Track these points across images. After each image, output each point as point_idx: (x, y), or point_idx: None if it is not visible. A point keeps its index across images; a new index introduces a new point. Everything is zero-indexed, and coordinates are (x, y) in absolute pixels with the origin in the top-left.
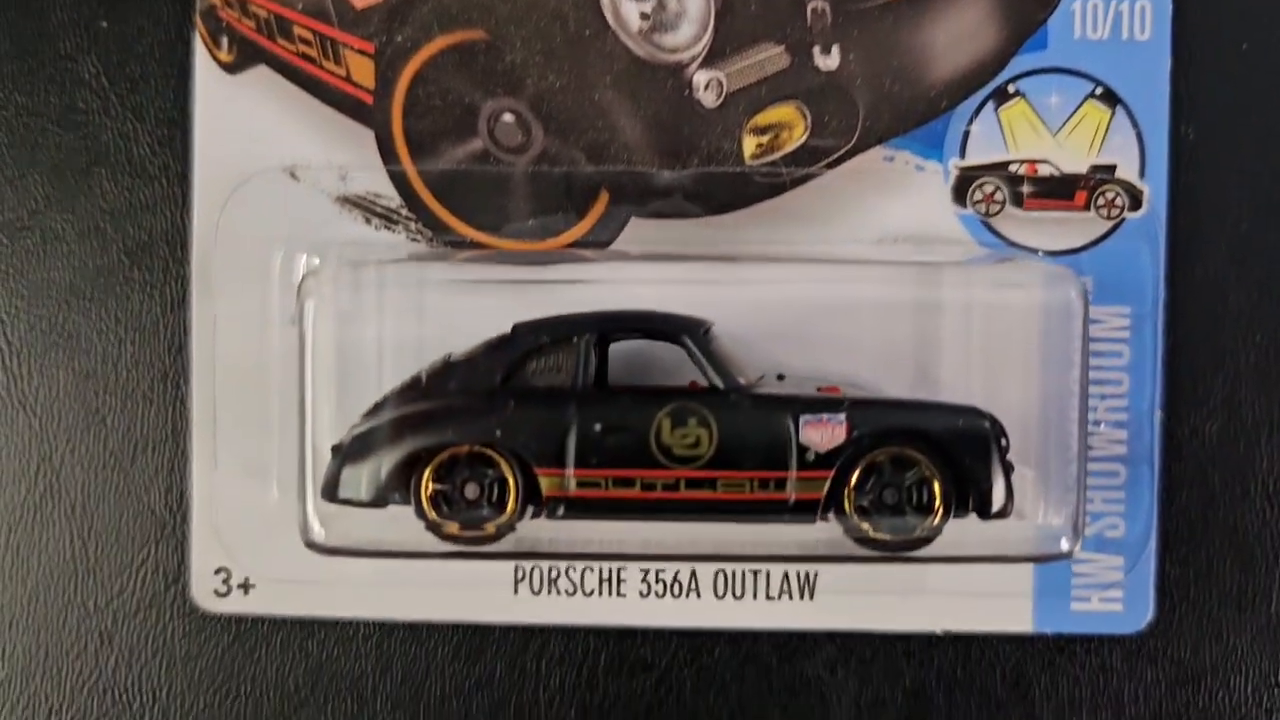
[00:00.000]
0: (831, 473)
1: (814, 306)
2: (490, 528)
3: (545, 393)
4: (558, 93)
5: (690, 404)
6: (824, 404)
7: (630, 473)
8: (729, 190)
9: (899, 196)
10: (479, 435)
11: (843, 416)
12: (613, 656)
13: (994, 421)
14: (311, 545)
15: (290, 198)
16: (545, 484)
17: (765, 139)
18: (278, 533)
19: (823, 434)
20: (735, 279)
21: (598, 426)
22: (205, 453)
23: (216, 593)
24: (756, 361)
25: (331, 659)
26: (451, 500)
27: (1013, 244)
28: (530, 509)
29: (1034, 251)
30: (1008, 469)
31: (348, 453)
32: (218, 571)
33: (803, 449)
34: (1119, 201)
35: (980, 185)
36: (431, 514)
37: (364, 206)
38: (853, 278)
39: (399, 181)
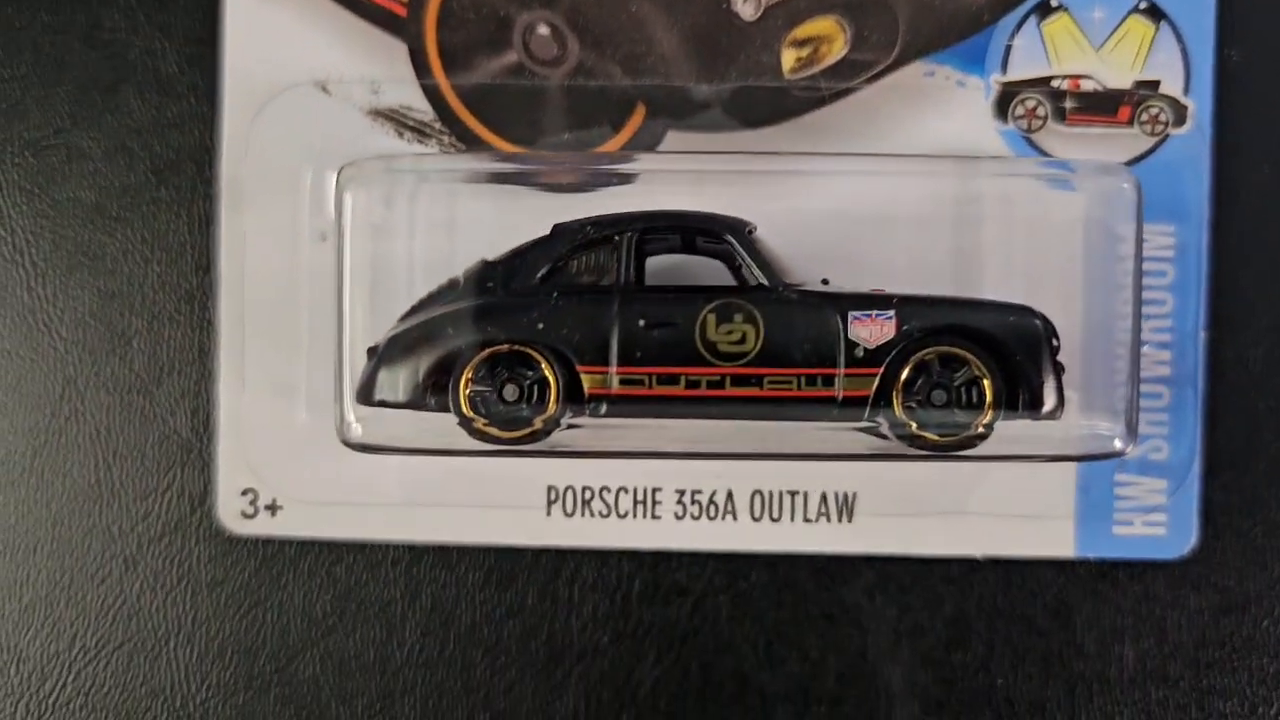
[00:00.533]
0: (880, 370)
1: (854, 218)
2: (530, 428)
3: (588, 289)
4: (593, 5)
5: (736, 300)
6: (872, 300)
7: (674, 370)
8: (767, 104)
9: (940, 112)
10: (520, 333)
11: (891, 313)
12: (647, 582)
13: (1045, 320)
14: (349, 444)
15: (321, 112)
16: (588, 381)
17: (804, 52)
18: (306, 453)
19: (871, 330)
20: (774, 191)
21: (641, 322)
22: (233, 373)
23: (244, 514)
24: (799, 272)
25: (360, 583)
26: (490, 402)
27: (1053, 159)
28: (571, 410)
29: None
30: (1059, 369)
31: (384, 354)
32: (245, 493)
33: (851, 345)
34: (1163, 117)
35: (1022, 100)
36: (470, 414)
37: (396, 120)
38: (894, 189)
39: (432, 95)
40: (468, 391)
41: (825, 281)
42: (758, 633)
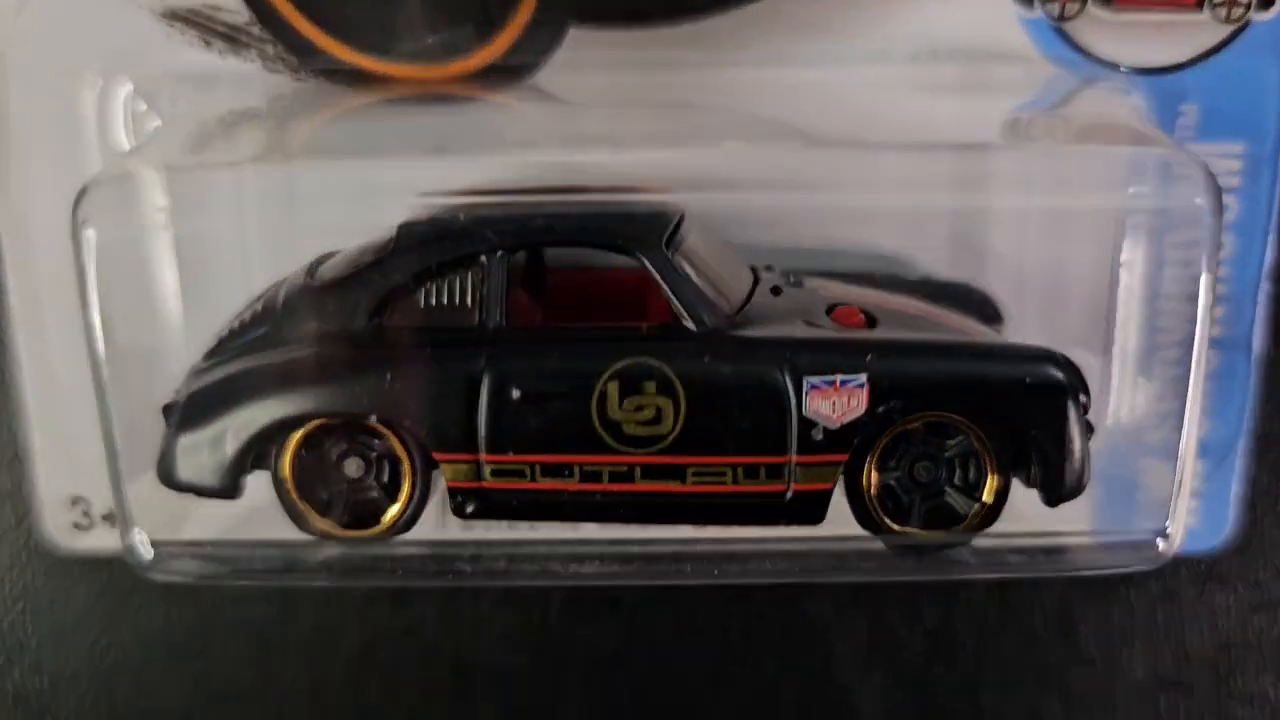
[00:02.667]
0: (846, 455)
1: (825, 152)
2: (381, 525)
3: (443, 335)
4: None
5: (648, 361)
6: (838, 351)
7: (565, 459)
8: None
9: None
10: (349, 403)
11: (863, 378)
12: (571, 593)
13: (1068, 368)
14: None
15: (97, 13)
16: (449, 472)
17: None
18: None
19: (835, 403)
20: (718, 118)
21: (516, 393)
22: (36, 358)
23: (76, 527)
24: (746, 242)
25: (228, 601)
26: (329, 484)
27: (1093, 57)
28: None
29: (1115, 68)
30: (1085, 433)
31: (183, 418)
32: (75, 502)
33: (807, 425)
34: None
35: None
36: (301, 505)
37: (200, 24)
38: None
39: None
40: (293, 476)
41: (769, 269)
42: (703, 652)
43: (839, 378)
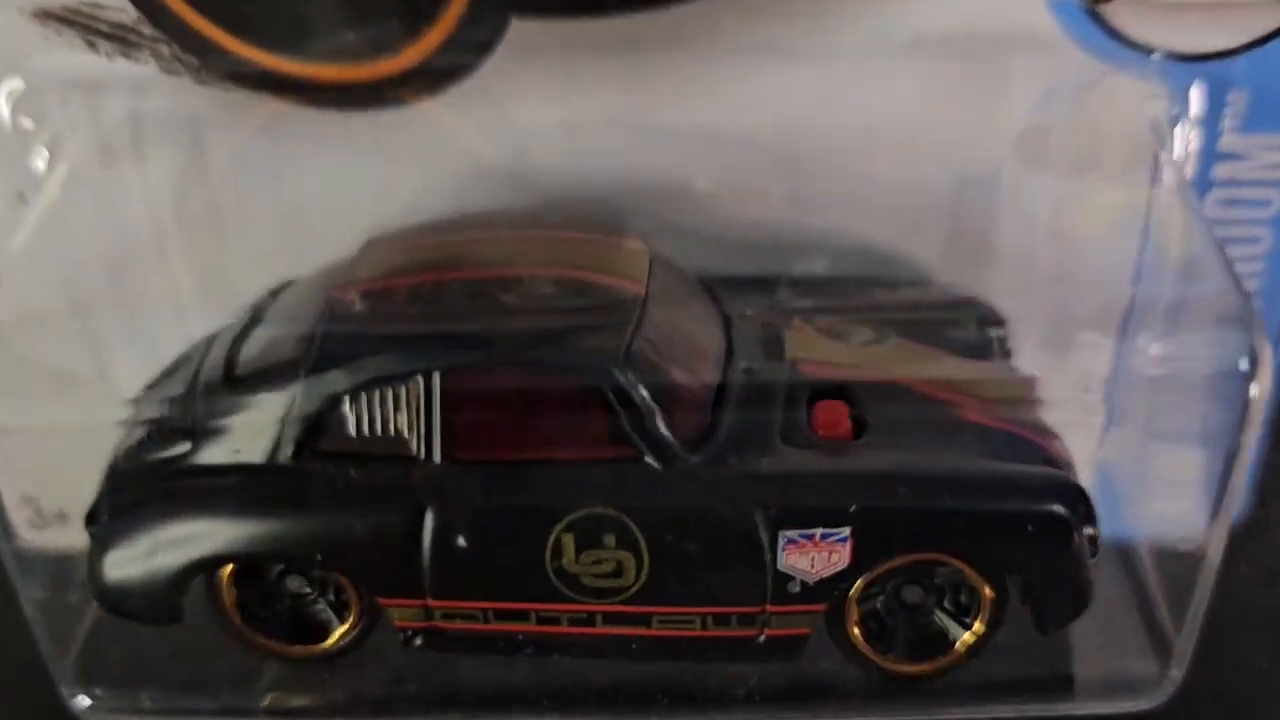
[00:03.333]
0: (825, 606)
1: (807, 149)
2: (330, 640)
3: (376, 473)
4: None
5: (604, 512)
6: (817, 495)
7: (520, 606)
8: None
9: None
10: (279, 542)
11: (846, 532)
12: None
13: (1075, 499)
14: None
15: None
16: (395, 614)
17: None
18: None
19: (814, 559)
20: (685, 117)
21: (461, 541)
22: None
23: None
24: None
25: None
26: (272, 603)
27: (1130, 42)
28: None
29: (1151, 53)
30: (1086, 565)
31: (108, 534)
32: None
33: (783, 579)
34: None
35: None
36: (244, 628)
37: (80, 24)
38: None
39: None
40: (231, 599)
41: (749, 372)
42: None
43: (819, 532)
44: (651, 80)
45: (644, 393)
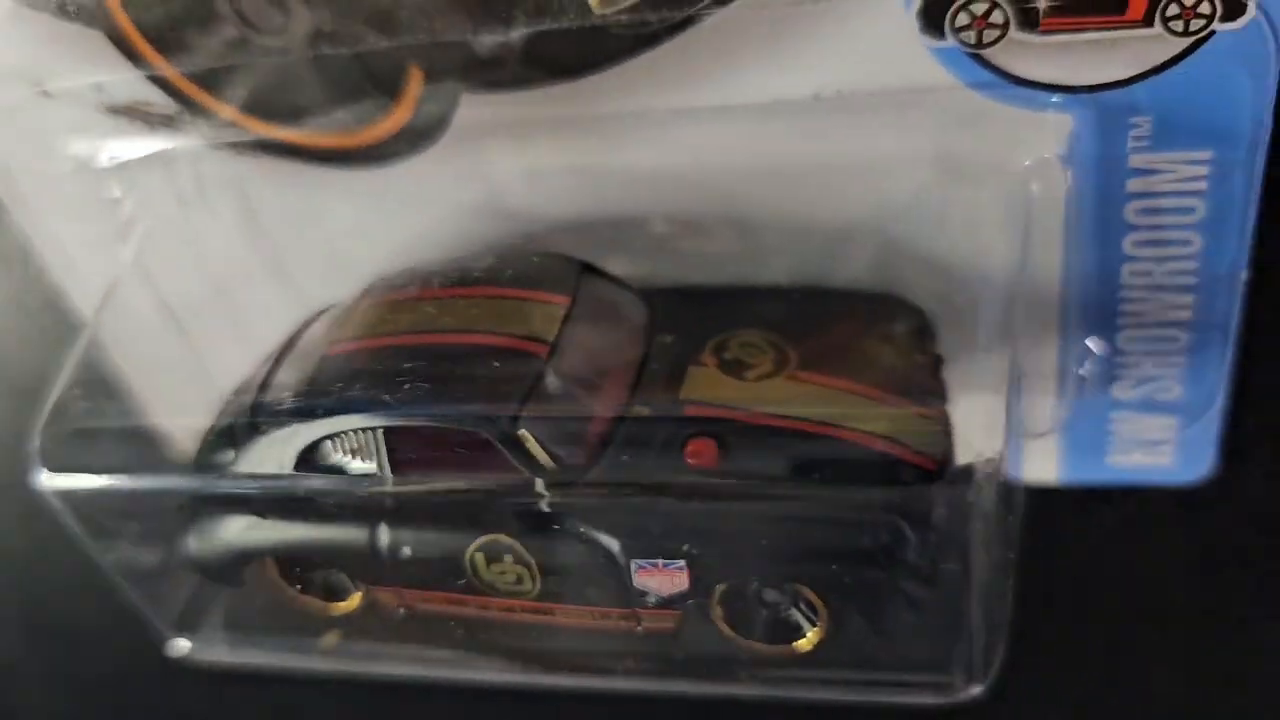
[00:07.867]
0: (680, 613)
1: (723, 187)
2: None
3: (354, 489)
4: None
5: (503, 539)
6: (660, 530)
7: (456, 596)
8: (579, 49)
9: (836, 33)
10: (290, 546)
11: (682, 564)
12: None
13: (899, 532)
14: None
15: (57, 117)
16: (381, 597)
17: None
18: None
19: (660, 581)
20: (616, 159)
21: (407, 551)
22: None
23: None
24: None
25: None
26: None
27: (1021, 80)
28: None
29: (1048, 90)
30: (918, 575)
31: (188, 519)
32: None
33: (641, 592)
34: (1205, 8)
35: (967, 4)
36: (290, 591)
37: (140, 115)
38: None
39: (163, 85)
40: (276, 575)
41: (639, 413)
42: None
43: (660, 561)
44: (598, 132)
45: (532, 440)
